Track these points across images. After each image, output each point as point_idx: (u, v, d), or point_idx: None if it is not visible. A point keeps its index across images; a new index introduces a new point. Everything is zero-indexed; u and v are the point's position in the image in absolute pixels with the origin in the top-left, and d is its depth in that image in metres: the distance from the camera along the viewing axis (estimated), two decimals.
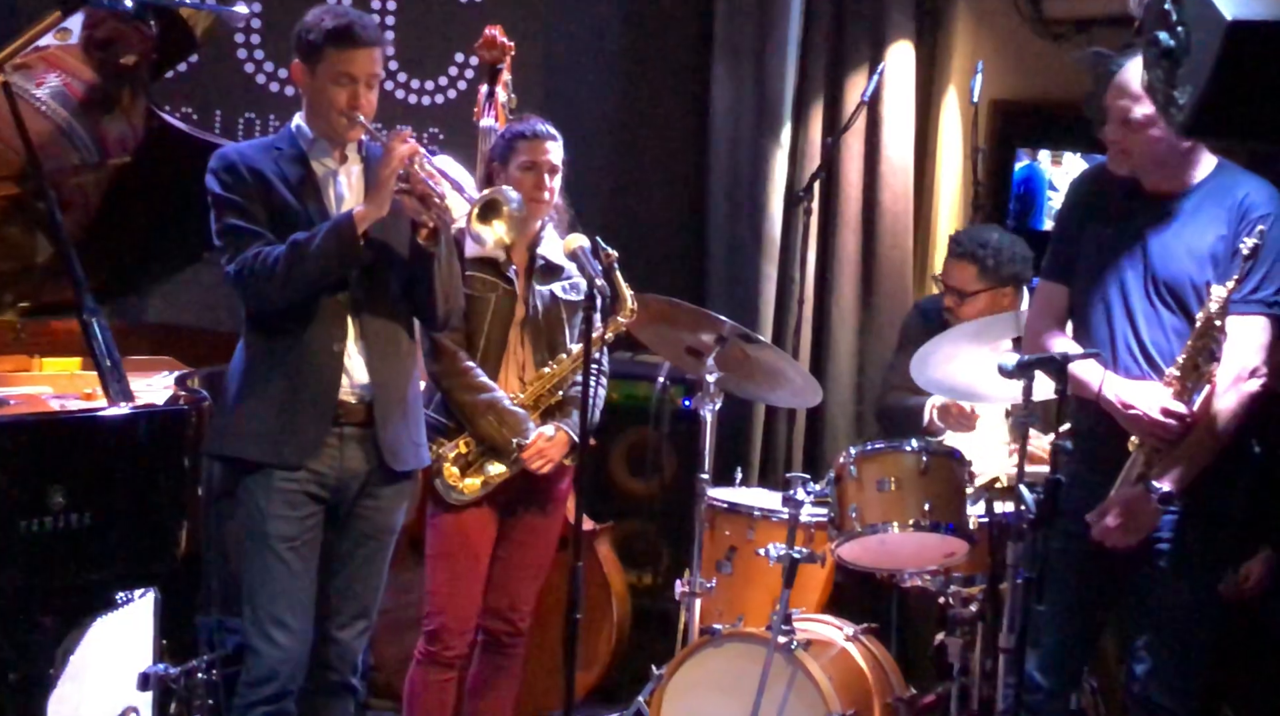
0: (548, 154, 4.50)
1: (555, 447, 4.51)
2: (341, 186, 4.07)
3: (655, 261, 6.39)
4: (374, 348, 4.03)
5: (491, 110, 4.96)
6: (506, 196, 4.00)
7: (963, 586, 4.75)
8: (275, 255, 3.88)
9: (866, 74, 6.14)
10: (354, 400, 4.02)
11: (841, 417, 6.26)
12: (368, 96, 4.01)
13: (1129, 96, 3.87)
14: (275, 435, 3.97)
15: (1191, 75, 3.26)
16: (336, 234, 3.88)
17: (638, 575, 5.94)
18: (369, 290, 4.03)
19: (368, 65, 3.99)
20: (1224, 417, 3.87)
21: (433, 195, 3.90)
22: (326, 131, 4.04)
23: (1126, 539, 3.89)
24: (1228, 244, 3.90)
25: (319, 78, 3.99)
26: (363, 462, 4.05)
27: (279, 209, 3.97)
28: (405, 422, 4.10)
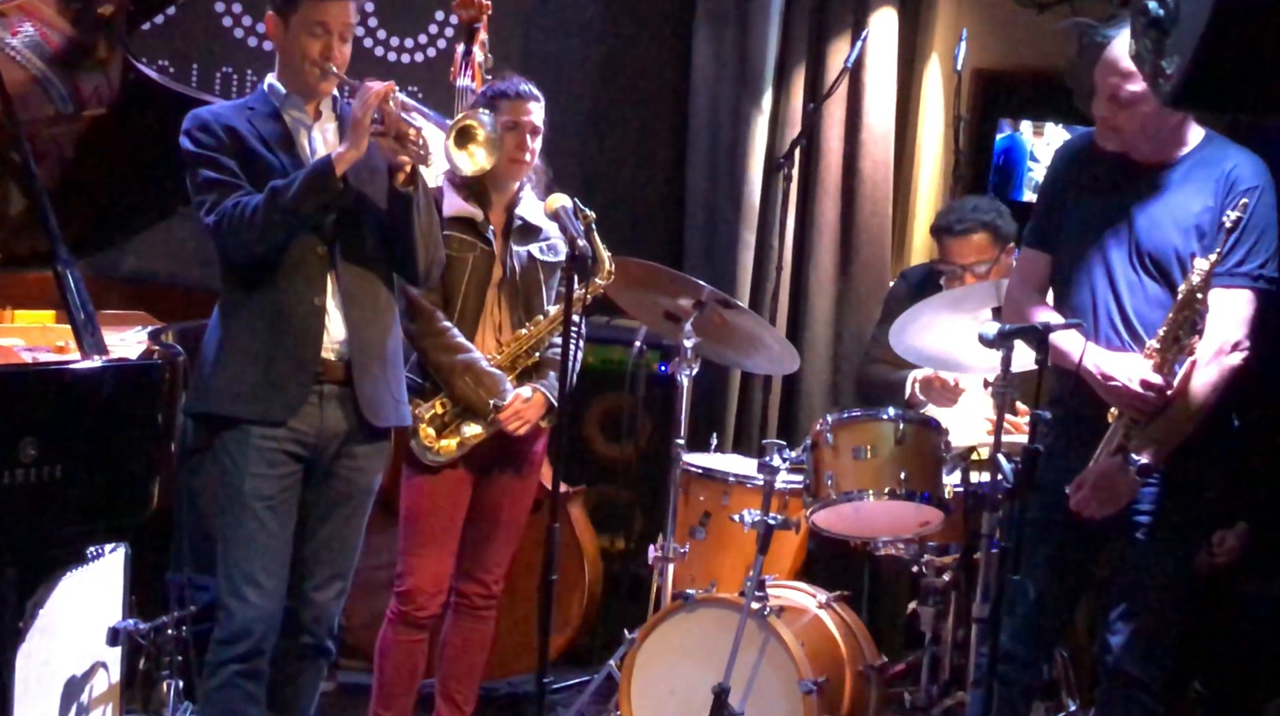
0: (530, 114, 4.48)
1: (532, 409, 4.48)
2: (316, 141, 4.04)
3: (634, 225, 6.37)
4: (352, 302, 4.00)
5: (468, 70, 4.92)
6: (480, 119, 3.99)
7: (936, 555, 4.76)
8: (254, 203, 3.86)
9: (849, 40, 6.11)
10: (334, 357, 4.00)
11: (817, 385, 6.26)
12: (341, 49, 3.99)
13: (1118, 73, 3.84)
14: (257, 391, 3.94)
15: (1180, 45, 3.23)
16: (316, 176, 3.85)
17: (611, 539, 5.93)
18: (347, 244, 4.00)
19: (342, 15, 3.98)
20: (1204, 391, 3.86)
21: (408, 129, 3.87)
22: (299, 86, 4.02)
23: (1104, 510, 3.88)
24: (1214, 216, 3.89)
25: (293, 28, 3.97)
26: (342, 422, 4.02)
27: (254, 163, 3.94)
28: (385, 377, 4.08)
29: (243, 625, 3.94)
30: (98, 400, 3.78)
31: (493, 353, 4.50)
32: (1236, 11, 3.12)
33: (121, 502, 3.85)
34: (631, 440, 5.89)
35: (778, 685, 4.47)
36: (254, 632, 3.94)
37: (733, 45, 6.26)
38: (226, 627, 3.96)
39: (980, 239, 5.06)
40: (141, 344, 4.28)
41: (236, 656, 3.95)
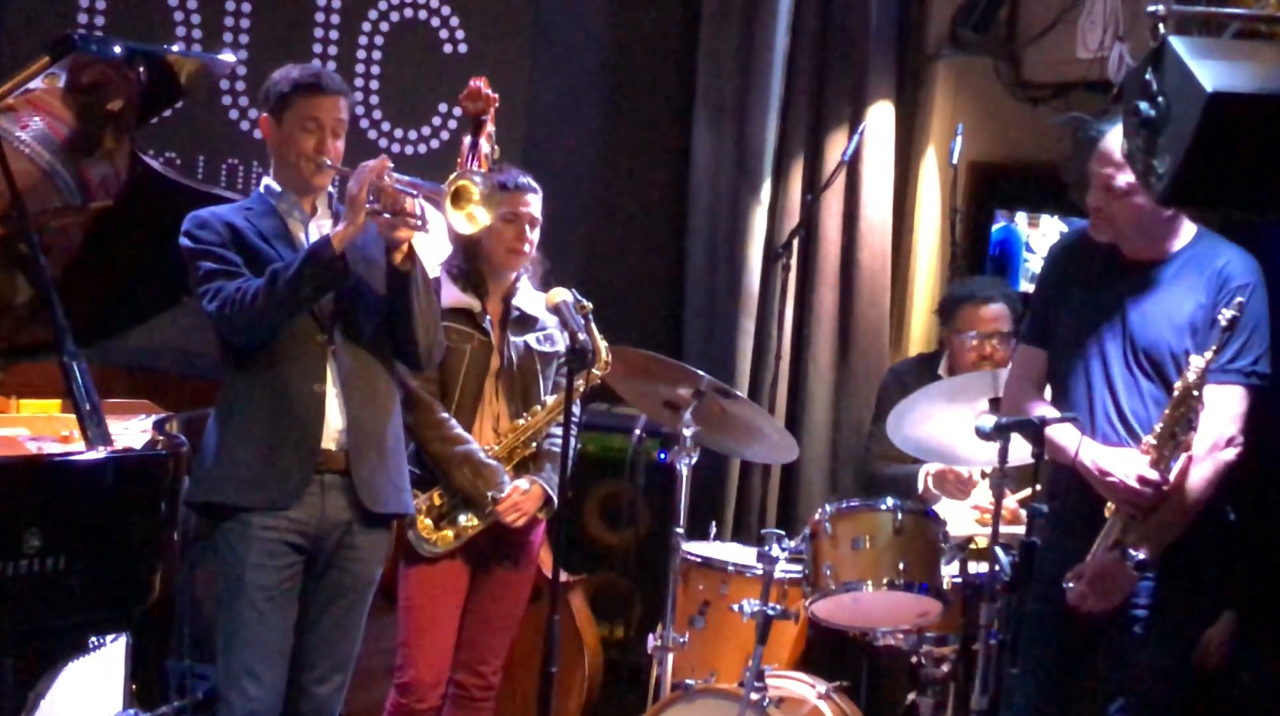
0: (529, 206, 4.53)
1: (530, 501, 4.51)
2: (312, 235, 4.08)
3: (633, 314, 6.40)
4: (352, 389, 4.03)
5: (474, 161, 4.94)
6: (472, 178, 4.03)
7: (935, 646, 4.75)
8: (255, 287, 3.91)
9: (847, 133, 6.19)
10: (334, 447, 4.02)
11: (816, 474, 6.27)
12: (334, 144, 4.06)
13: (1112, 164, 3.90)
14: (259, 479, 3.96)
15: (1171, 145, 3.29)
16: (315, 255, 3.90)
17: (610, 627, 5.92)
18: (346, 332, 4.05)
19: (334, 112, 4.06)
20: (1199, 486, 3.89)
21: (403, 199, 3.92)
22: (295, 183, 4.08)
23: (1101, 604, 3.90)
24: (1207, 313, 3.93)
25: (286, 126, 4.05)
26: (343, 511, 4.04)
27: (253, 256, 3.99)
28: (385, 464, 4.10)
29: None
30: (102, 491, 3.82)
31: (490, 443, 4.52)
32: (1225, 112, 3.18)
33: (124, 593, 3.88)
34: (631, 528, 5.90)
35: None
36: None
37: (731, 136, 6.33)
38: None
39: (1000, 309, 5.14)
40: (146, 433, 4.31)
41: None
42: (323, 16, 6.10)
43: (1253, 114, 3.20)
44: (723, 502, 6.21)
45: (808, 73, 6.31)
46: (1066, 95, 6.14)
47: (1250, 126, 3.21)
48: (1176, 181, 3.29)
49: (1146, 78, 3.34)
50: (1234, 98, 3.16)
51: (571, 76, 6.47)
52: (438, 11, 6.18)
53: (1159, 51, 3.30)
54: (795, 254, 5.96)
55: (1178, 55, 3.23)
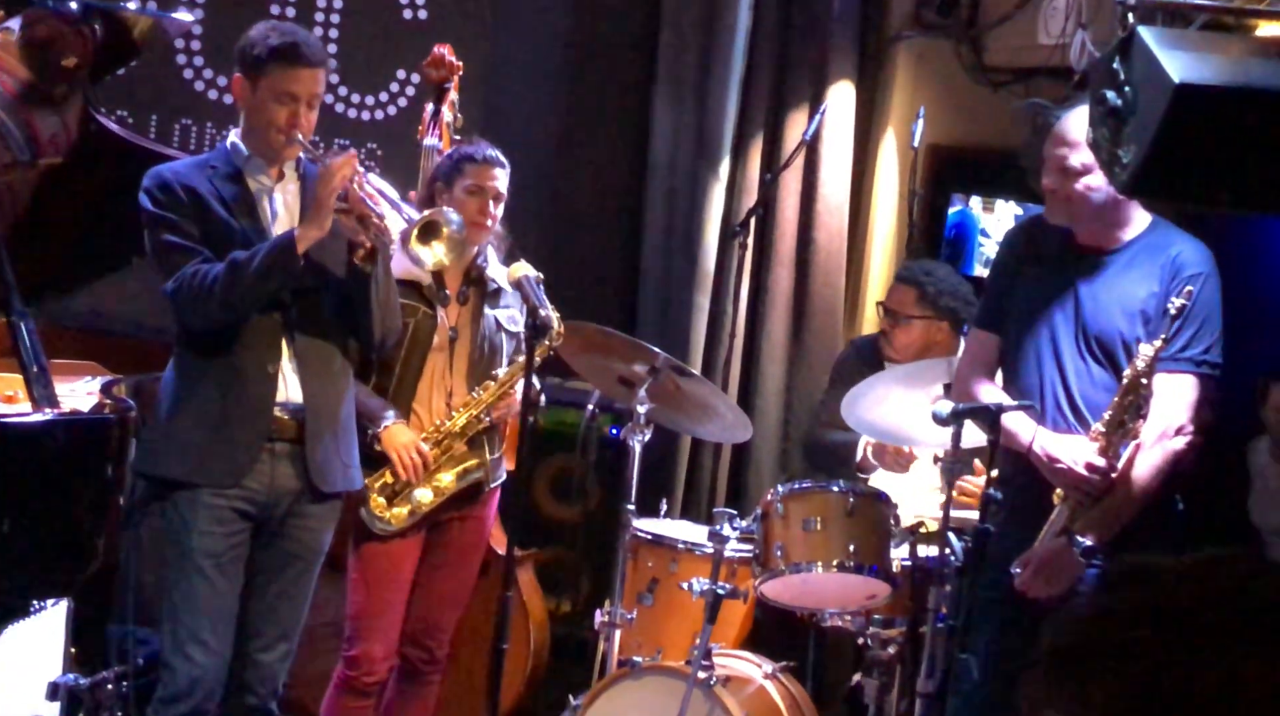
0: (495, 180, 4.49)
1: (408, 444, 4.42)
2: (277, 204, 4.04)
3: (589, 289, 6.38)
4: (308, 368, 4.00)
5: (436, 129, 4.93)
6: (447, 218, 3.98)
7: (882, 628, 4.75)
8: (214, 274, 3.85)
9: (807, 113, 6.17)
10: (286, 416, 3.99)
11: (767, 453, 6.27)
12: (308, 116, 3.99)
13: (1067, 144, 3.90)
14: (207, 454, 3.92)
15: (1137, 135, 3.29)
16: (276, 253, 3.85)
17: (557, 602, 5.90)
18: (303, 311, 4.00)
19: (311, 85, 3.97)
20: (1147, 475, 3.90)
21: (371, 215, 3.88)
22: (263, 149, 4.02)
23: (1048, 590, 3.91)
24: (1159, 301, 3.94)
25: (260, 94, 3.97)
26: (293, 480, 4.01)
27: (214, 227, 3.93)
28: (335, 443, 4.07)
29: (187, 684, 3.91)
30: (47, 454, 3.77)
31: (442, 417, 4.48)
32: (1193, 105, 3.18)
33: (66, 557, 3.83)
34: (581, 503, 5.88)
35: None
36: (197, 692, 3.91)
37: (692, 114, 6.30)
38: (170, 686, 3.93)
39: (907, 292, 5.16)
40: (92, 396, 4.26)
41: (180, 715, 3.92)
42: None
43: (1219, 107, 3.20)
44: (673, 480, 6.19)
45: (769, 51, 6.29)
46: (1027, 81, 6.14)
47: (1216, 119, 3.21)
48: (1141, 172, 3.29)
49: (1114, 67, 3.33)
50: (1201, 90, 3.16)
51: (531, 48, 6.42)
52: None
53: (1127, 41, 3.30)
54: (752, 233, 5.95)
55: (1146, 45, 3.23)
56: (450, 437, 4.47)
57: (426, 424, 4.48)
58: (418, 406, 4.49)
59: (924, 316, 5.14)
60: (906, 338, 5.14)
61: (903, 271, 5.29)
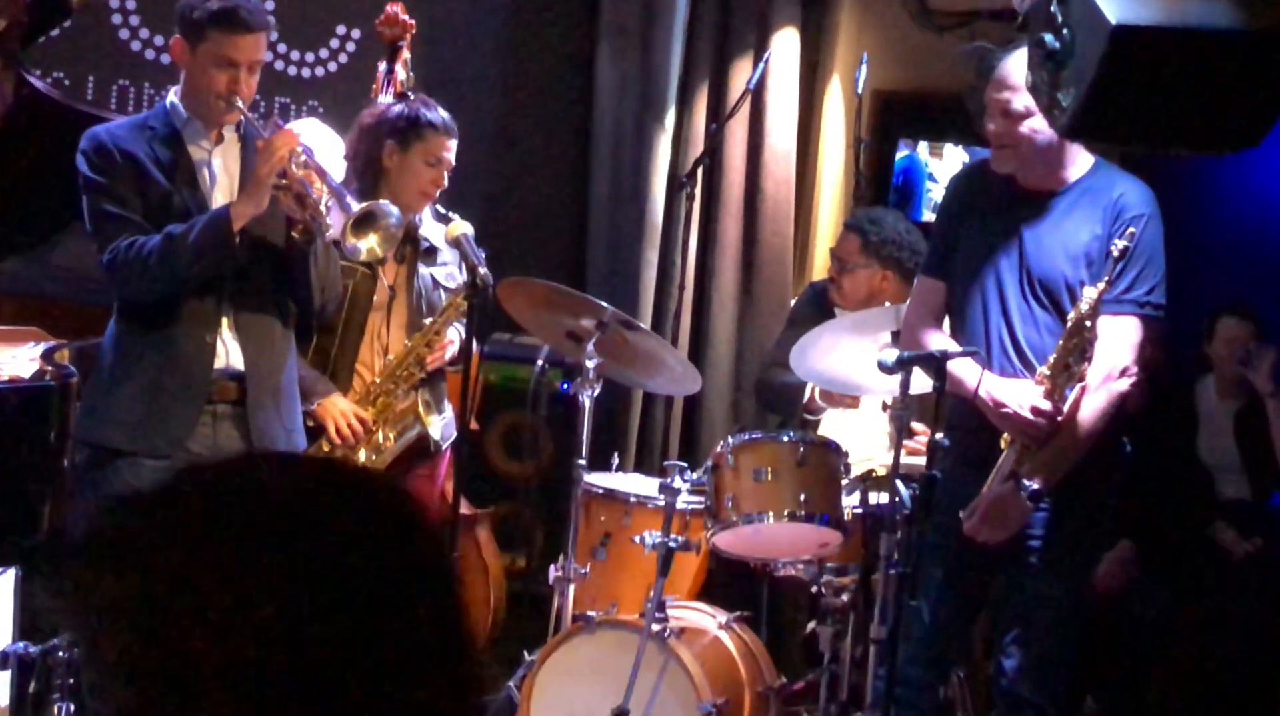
0: (451, 151, 4.44)
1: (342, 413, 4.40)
2: (216, 168, 3.98)
3: (536, 243, 6.36)
4: (247, 336, 3.96)
5: (390, 88, 4.88)
6: (386, 211, 3.94)
7: (835, 576, 4.77)
8: (149, 247, 3.80)
9: (752, 60, 6.14)
10: (226, 380, 3.95)
11: (719, 404, 6.27)
12: (248, 81, 3.92)
13: (1009, 88, 3.89)
14: (144, 422, 3.88)
15: (1075, 77, 3.28)
16: (212, 230, 3.80)
17: (511, 558, 5.90)
18: (242, 281, 3.96)
19: (251, 51, 3.91)
20: (1093, 417, 3.91)
21: (308, 196, 3.83)
22: (202, 112, 3.95)
23: (996, 535, 3.92)
24: (1102, 243, 3.94)
25: (199, 57, 3.90)
26: (236, 442, 3.98)
27: (152, 193, 3.88)
28: (278, 409, 4.03)
29: None
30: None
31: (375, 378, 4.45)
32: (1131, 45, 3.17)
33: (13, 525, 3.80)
34: (533, 459, 5.87)
35: (677, 707, 4.46)
36: None
37: (636, 64, 6.26)
38: None
39: (851, 239, 5.17)
40: (34, 362, 4.21)
41: None
42: None
43: (1157, 47, 3.19)
44: (625, 434, 6.19)
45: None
46: (971, 24, 6.14)
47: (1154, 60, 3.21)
48: (1081, 114, 3.28)
49: (1052, 9, 3.32)
50: (1139, 30, 3.15)
51: (473, 2, 6.35)
52: None
53: None
54: (700, 183, 5.92)
55: None
56: (383, 394, 4.43)
57: (368, 382, 4.45)
58: (360, 367, 4.45)
59: (867, 265, 5.14)
60: (851, 285, 5.15)
61: (850, 219, 5.30)
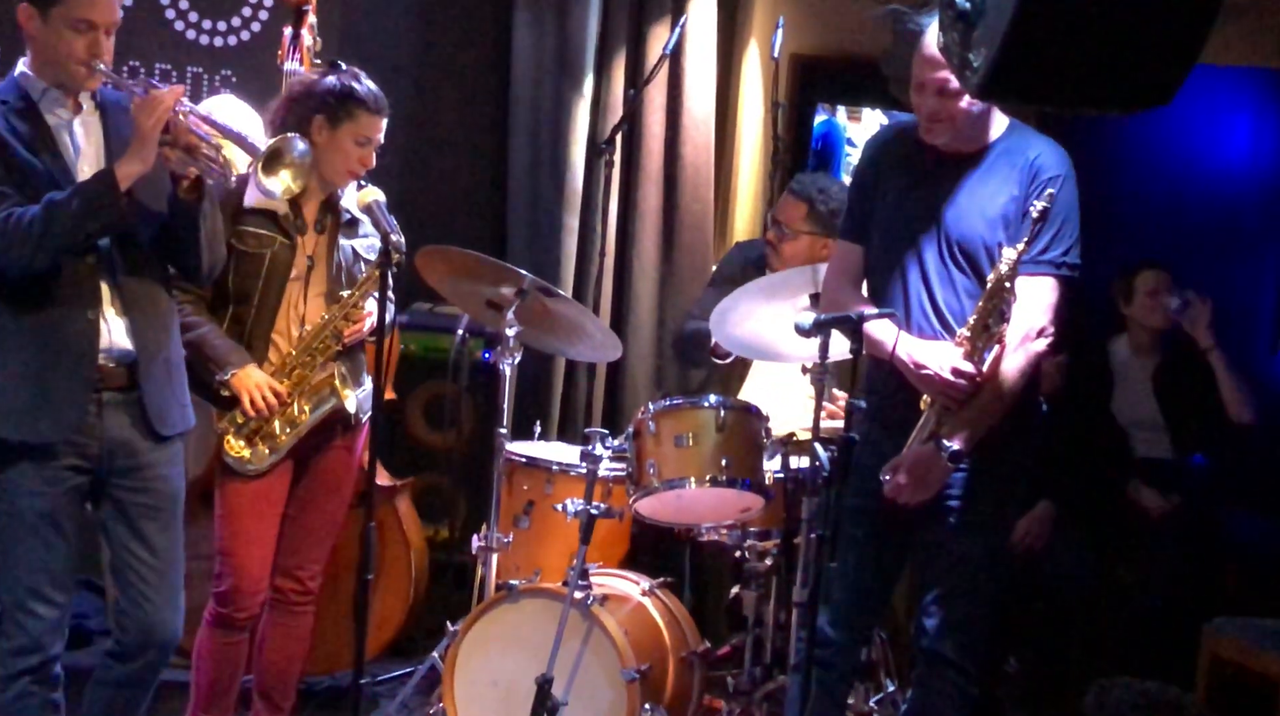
0: (381, 130, 4.37)
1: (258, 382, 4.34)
2: (78, 137, 3.85)
3: (456, 212, 6.32)
4: (133, 309, 3.85)
5: (296, 54, 4.82)
6: (291, 145, 3.87)
7: (758, 540, 4.79)
8: (30, 216, 3.68)
9: (669, 26, 6.11)
10: (113, 364, 3.84)
11: (641, 371, 6.26)
12: (107, 44, 3.79)
13: (942, 65, 3.83)
14: (28, 411, 3.76)
15: (986, 38, 3.29)
16: (98, 192, 3.69)
17: (434, 528, 5.88)
18: (122, 250, 3.84)
19: (108, 12, 3.78)
20: (1012, 377, 3.94)
21: (201, 145, 3.74)
22: (60, 80, 3.81)
23: (917, 496, 3.94)
24: (1019, 205, 3.96)
25: (52, 22, 3.75)
26: (126, 428, 3.87)
27: (17, 168, 3.74)
28: (170, 384, 3.94)
29: (34, 638, 3.82)
30: None
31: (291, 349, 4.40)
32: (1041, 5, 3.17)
33: None
34: (454, 429, 5.84)
35: (601, 674, 4.48)
36: (45, 646, 3.83)
37: (553, 30, 6.22)
38: (17, 640, 3.82)
39: (798, 207, 5.16)
40: None
41: (29, 668, 3.83)
42: None
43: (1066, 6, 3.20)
44: (548, 402, 6.17)
45: None
46: None
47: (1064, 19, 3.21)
48: (992, 75, 3.29)
49: None
50: None
51: None
52: None
53: None
54: (619, 150, 5.91)
55: None
56: (300, 366, 4.39)
57: (284, 353, 4.40)
58: (276, 337, 4.40)
59: (810, 232, 5.13)
60: (792, 250, 5.13)
61: (795, 185, 5.24)
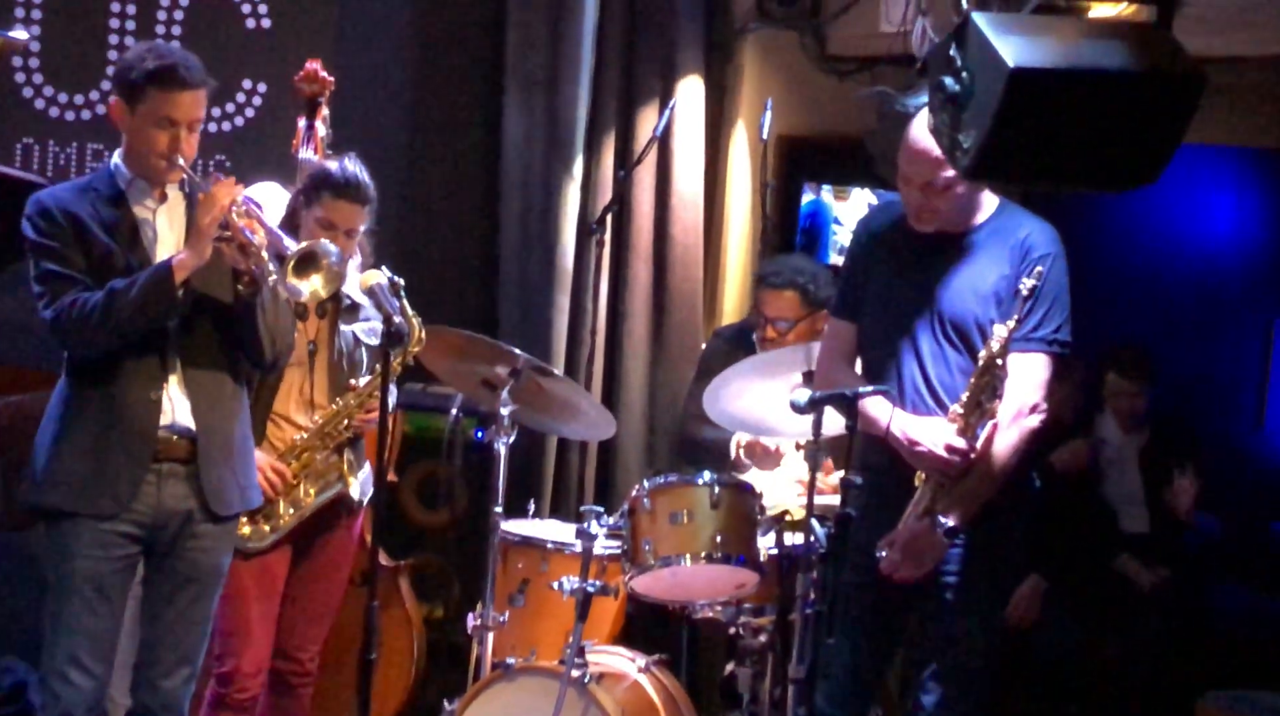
0: (346, 216, 4.40)
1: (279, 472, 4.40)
2: (161, 227, 3.97)
3: (448, 292, 6.35)
4: (197, 392, 3.95)
5: (311, 143, 4.88)
6: (325, 249, 3.93)
7: (753, 617, 4.80)
8: (93, 303, 3.80)
9: (658, 107, 6.19)
10: (175, 437, 3.93)
11: (633, 448, 6.28)
12: (189, 140, 3.91)
13: (930, 161, 3.89)
14: (88, 485, 3.86)
15: (975, 119, 3.36)
16: (155, 283, 3.80)
17: (429, 607, 5.87)
18: (189, 334, 3.94)
19: (191, 109, 3.89)
20: (1005, 453, 3.98)
21: (250, 244, 3.83)
22: (145, 172, 3.94)
23: (912, 572, 3.97)
24: (1010, 283, 4.01)
25: (139, 118, 3.88)
26: (183, 501, 3.95)
27: (96, 254, 3.87)
28: (231, 466, 4.02)
29: (66, 708, 3.85)
30: None
31: (302, 430, 4.44)
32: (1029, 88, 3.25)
33: None
34: (448, 507, 5.86)
35: None
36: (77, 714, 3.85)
37: (543, 112, 6.29)
38: (50, 709, 3.86)
39: (789, 297, 5.14)
40: None
41: None
42: None
43: (1054, 88, 3.28)
44: (541, 480, 6.18)
45: (618, 46, 6.29)
46: (871, 69, 6.23)
47: (1052, 101, 3.29)
48: (982, 156, 3.36)
49: (950, 53, 3.40)
50: (1035, 73, 3.24)
51: (378, 49, 6.36)
52: None
53: (962, 27, 3.37)
54: (609, 230, 5.97)
55: (981, 31, 3.30)
56: (309, 451, 4.43)
57: (287, 438, 4.44)
58: (279, 421, 4.44)
59: (810, 313, 5.13)
60: (797, 337, 5.07)
61: (773, 278, 5.15)
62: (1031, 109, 3.28)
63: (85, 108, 5.88)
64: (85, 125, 5.88)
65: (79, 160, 5.85)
